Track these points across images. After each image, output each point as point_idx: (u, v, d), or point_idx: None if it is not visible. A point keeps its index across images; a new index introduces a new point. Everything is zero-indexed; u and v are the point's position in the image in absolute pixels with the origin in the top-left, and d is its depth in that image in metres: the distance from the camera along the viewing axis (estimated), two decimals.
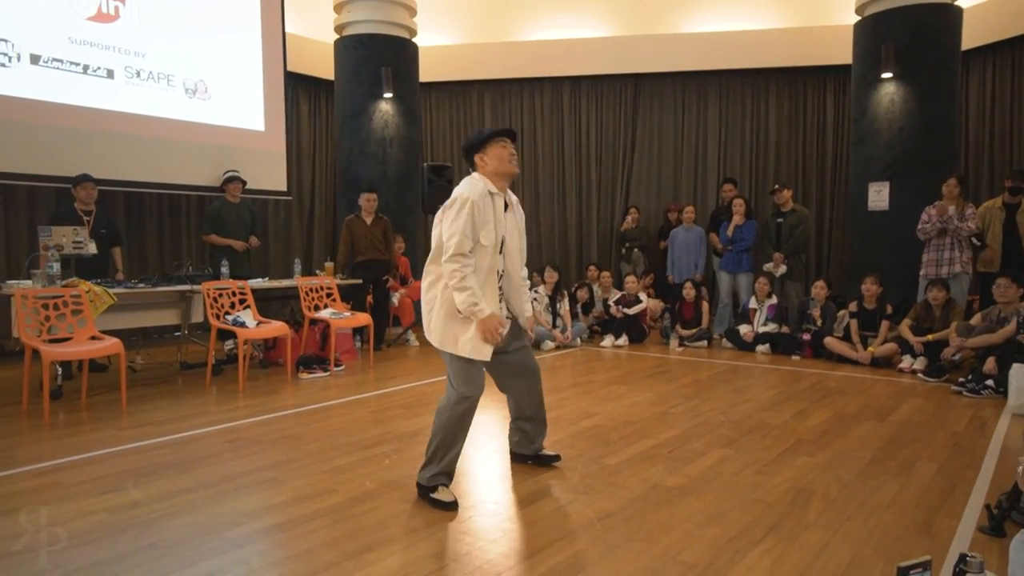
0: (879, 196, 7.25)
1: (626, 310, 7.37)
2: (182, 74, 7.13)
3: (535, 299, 7.24)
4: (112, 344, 4.42)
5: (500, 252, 2.89)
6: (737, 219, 7.36)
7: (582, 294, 7.81)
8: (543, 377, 3.32)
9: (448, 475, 2.87)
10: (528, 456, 3.31)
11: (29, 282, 4.67)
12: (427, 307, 2.90)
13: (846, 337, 6.23)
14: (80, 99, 6.38)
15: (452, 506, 2.76)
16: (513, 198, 3.02)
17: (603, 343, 7.25)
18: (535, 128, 9.86)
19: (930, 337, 5.66)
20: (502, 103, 9.89)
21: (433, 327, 2.86)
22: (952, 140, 7.24)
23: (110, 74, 6.59)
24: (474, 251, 2.77)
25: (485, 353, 2.80)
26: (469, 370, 2.84)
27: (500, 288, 2.94)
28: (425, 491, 2.84)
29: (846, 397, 4.82)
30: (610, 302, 7.58)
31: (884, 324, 6.07)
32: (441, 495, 2.80)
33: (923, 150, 7.06)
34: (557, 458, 3.31)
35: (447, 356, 2.87)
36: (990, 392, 4.79)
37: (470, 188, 2.80)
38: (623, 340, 7.24)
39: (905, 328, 5.88)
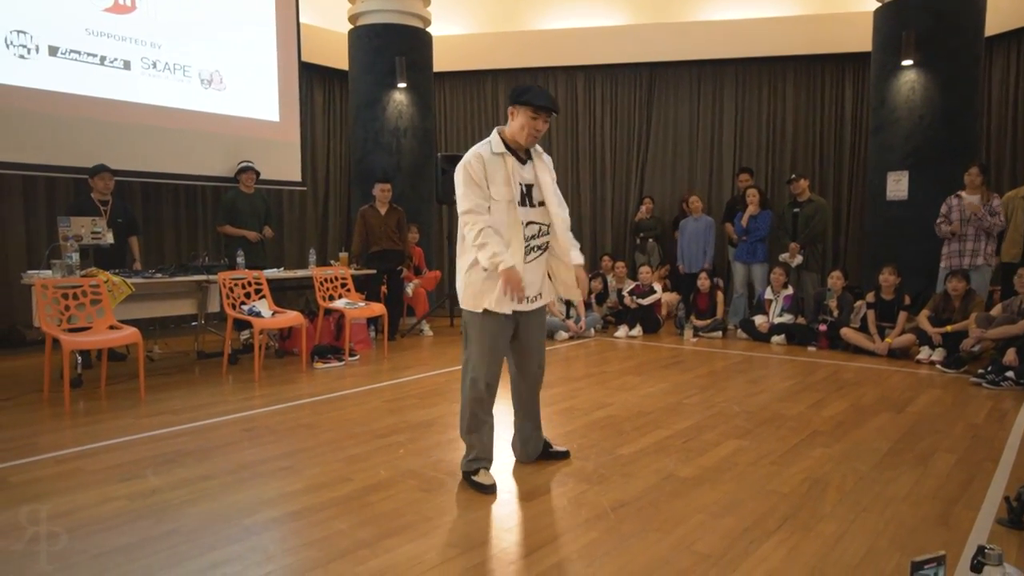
0: (898, 186, 7.16)
1: (640, 300, 7.34)
2: (198, 65, 7.17)
3: None
4: (130, 333, 4.47)
5: (527, 203, 2.86)
6: (752, 209, 7.29)
7: (596, 284, 7.79)
8: (558, 368, 3.34)
9: (486, 459, 2.94)
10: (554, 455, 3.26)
11: (49, 272, 4.73)
12: (458, 273, 2.96)
13: (863, 328, 6.17)
14: (97, 90, 6.44)
15: (489, 489, 2.82)
16: (538, 149, 2.98)
17: (617, 333, 7.23)
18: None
19: (949, 328, 5.59)
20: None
21: (459, 288, 2.93)
22: (974, 129, 7.12)
23: (127, 65, 6.64)
24: (489, 208, 2.77)
25: (505, 306, 2.80)
26: (488, 345, 2.85)
27: (537, 247, 2.90)
28: (466, 476, 2.92)
29: (863, 388, 4.77)
30: (624, 292, 7.55)
31: (902, 315, 6.00)
32: (480, 478, 2.87)
33: (944, 139, 6.95)
34: (567, 454, 3.25)
35: (467, 328, 2.92)
36: (1010, 384, 4.73)
37: (471, 150, 2.84)
38: (637, 330, 7.22)
39: (923, 319, 5.81)
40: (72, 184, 6.67)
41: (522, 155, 2.90)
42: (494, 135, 2.88)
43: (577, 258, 2.98)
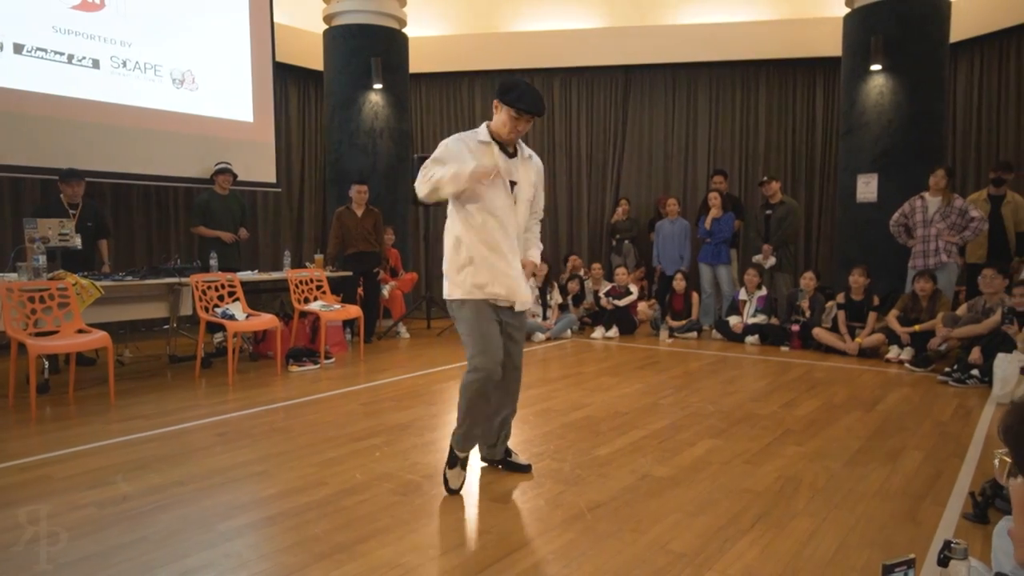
0: (867, 188, 7.29)
1: (616, 302, 7.39)
2: (169, 64, 7.06)
3: None
4: (99, 337, 4.38)
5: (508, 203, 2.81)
6: (714, 212, 7.41)
7: (573, 286, 7.83)
8: (535, 369, 3.34)
9: (465, 458, 2.89)
10: (496, 461, 3.13)
11: (15, 275, 4.62)
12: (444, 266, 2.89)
13: (834, 328, 6.28)
14: (65, 89, 6.30)
15: (452, 491, 2.81)
16: (527, 151, 2.93)
17: (593, 335, 7.27)
18: None
19: (917, 328, 5.71)
20: (492, 95, 9.76)
21: (445, 280, 2.88)
22: (940, 132, 7.28)
23: (95, 64, 6.51)
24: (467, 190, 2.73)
25: (484, 292, 2.75)
26: (480, 329, 2.75)
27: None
28: (446, 464, 2.88)
29: (834, 387, 4.86)
30: (600, 294, 7.59)
31: (871, 315, 6.12)
32: (450, 476, 2.84)
33: (911, 142, 7.10)
34: (528, 468, 3.09)
35: (456, 322, 2.85)
36: (975, 382, 4.84)
37: (453, 137, 2.83)
38: (613, 332, 7.26)
39: (892, 319, 5.93)
40: (39, 185, 6.52)
41: (508, 149, 2.84)
42: (482, 127, 2.87)
43: (534, 256, 2.99)
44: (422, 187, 2.76)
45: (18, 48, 6.02)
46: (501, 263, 2.78)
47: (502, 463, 3.13)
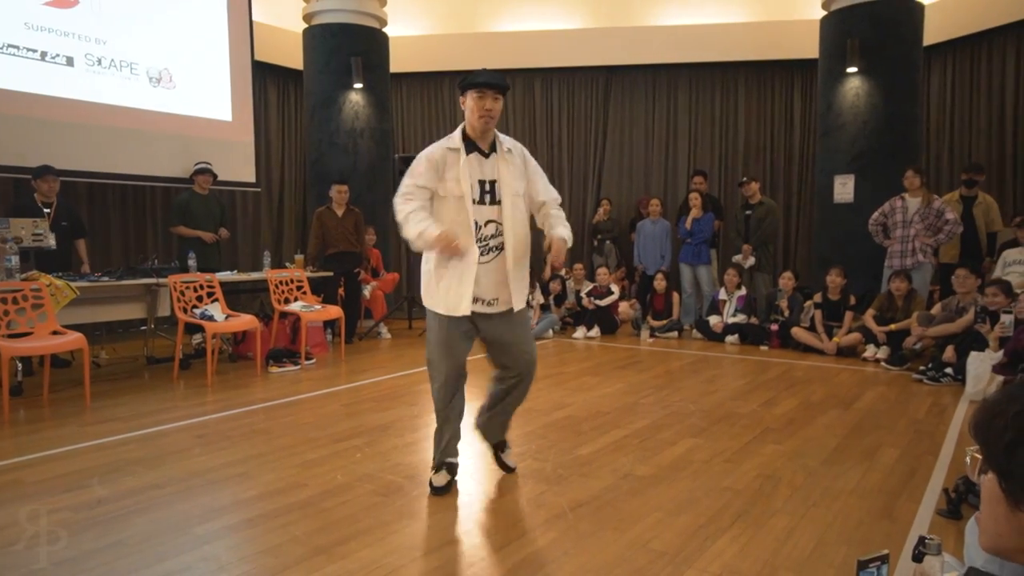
0: (844, 189, 7.39)
1: (598, 302, 7.42)
2: (145, 62, 6.96)
3: None
4: (75, 339, 4.31)
5: (483, 201, 2.74)
6: (695, 212, 7.47)
7: (555, 286, 7.84)
8: None
9: (444, 459, 2.90)
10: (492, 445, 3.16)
11: None
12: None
13: (812, 327, 6.35)
14: (38, 87, 6.19)
15: (438, 491, 2.83)
16: (506, 144, 2.81)
17: (575, 334, 7.29)
18: (506, 120, 9.82)
19: (892, 327, 5.80)
20: None
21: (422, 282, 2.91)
22: (914, 134, 7.40)
23: (70, 61, 6.40)
24: (434, 202, 2.76)
25: (458, 310, 2.74)
26: (443, 343, 2.82)
27: (495, 247, 2.77)
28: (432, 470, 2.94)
29: (812, 386, 4.92)
30: (582, 294, 7.62)
31: (848, 315, 6.20)
32: (434, 478, 2.88)
33: (887, 143, 7.21)
34: (512, 470, 3.10)
35: (427, 323, 2.93)
36: (949, 380, 4.93)
37: (427, 148, 2.81)
38: (595, 331, 7.29)
39: (869, 318, 6.01)
40: (11, 184, 6.40)
41: (484, 149, 2.77)
42: (456, 131, 2.80)
43: (562, 233, 2.87)
44: (400, 220, 2.76)
45: None
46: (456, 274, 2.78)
47: (494, 454, 3.13)
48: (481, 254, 2.75)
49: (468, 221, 2.72)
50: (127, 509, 2.66)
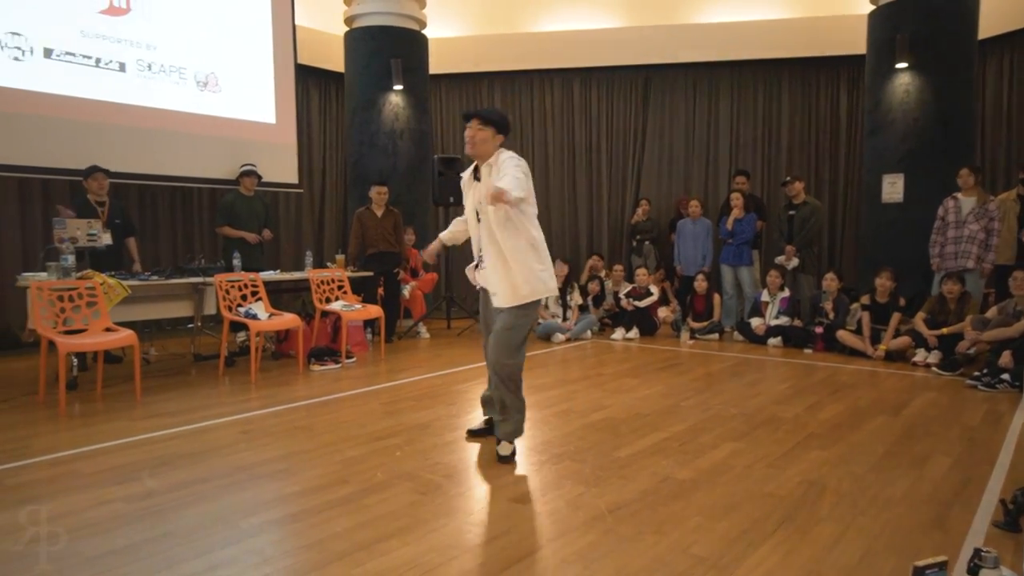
0: (893, 188, 7.18)
1: (637, 303, 7.35)
2: (193, 67, 7.15)
3: None
4: (126, 336, 4.45)
5: (478, 220, 3.29)
6: (736, 212, 7.35)
7: (593, 287, 7.80)
8: (555, 370, 3.37)
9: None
10: (490, 432, 3.57)
11: (44, 274, 4.71)
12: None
13: (859, 330, 6.19)
14: (92, 92, 6.41)
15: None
16: (492, 161, 3.21)
17: (614, 336, 7.24)
18: (545, 120, 9.82)
19: (944, 331, 5.61)
20: (512, 95, 9.85)
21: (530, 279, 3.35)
22: (968, 131, 7.14)
23: (122, 67, 6.62)
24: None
25: (475, 280, 3.44)
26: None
27: (481, 258, 3.32)
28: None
29: (859, 391, 4.79)
30: (621, 295, 7.56)
31: (895, 317, 6.02)
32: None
33: (938, 141, 6.98)
34: (509, 460, 3.24)
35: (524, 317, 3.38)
36: (1006, 386, 4.75)
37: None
38: (634, 333, 7.23)
39: (919, 321, 5.83)
40: (68, 186, 6.65)
41: (480, 174, 3.27)
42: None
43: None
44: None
45: (48, 52, 6.14)
46: None
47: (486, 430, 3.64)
48: (483, 259, 3.31)
49: (478, 237, 3.35)
50: (176, 501, 2.74)
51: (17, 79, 5.97)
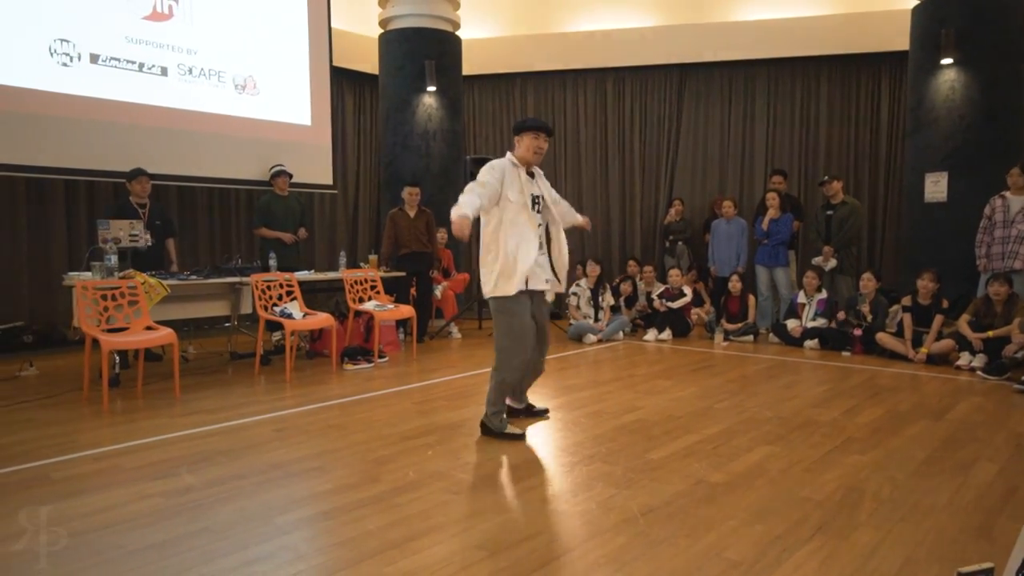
0: (937, 187, 6.99)
1: (670, 304, 7.28)
2: (232, 70, 7.31)
3: (576, 292, 7.22)
4: (166, 334, 4.56)
5: (535, 209, 3.62)
6: (772, 213, 7.22)
7: (626, 287, 7.75)
8: (586, 371, 3.37)
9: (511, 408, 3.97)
10: (519, 411, 3.99)
11: (89, 274, 4.85)
12: (481, 267, 3.69)
13: (899, 333, 6.03)
14: (136, 96, 6.60)
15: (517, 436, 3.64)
16: (536, 169, 3.74)
17: (646, 337, 7.18)
18: (578, 120, 9.79)
19: (991, 333, 5.44)
20: (545, 95, 9.84)
21: (483, 279, 3.70)
22: (1017, 128, 6.92)
23: (164, 71, 6.79)
24: (501, 205, 3.52)
25: (524, 285, 3.58)
26: (516, 324, 3.59)
27: (544, 240, 3.67)
28: (498, 433, 3.69)
29: (899, 394, 4.66)
30: (654, 296, 7.49)
31: (937, 319, 5.84)
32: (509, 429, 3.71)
33: (985, 139, 6.77)
34: (545, 412, 4.03)
35: (495, 315, 3.68)
36: None
37: (499, 159, 3.66)
38: (666, 334, 7.15)
39: (964, 324, 5.65)
40: (112, 188, 6.84)
41: (529, 172, 3.65)
42: (509, 155, 3.64)
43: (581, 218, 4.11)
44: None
45: (94, 58, 6.33)
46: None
47: (524, 411, 4.04)
48: (539, 245, 3.60)
49: (532, 221, 3.59)
50: (213, 497, 2.79)
51: (65, 84, 6.17)
